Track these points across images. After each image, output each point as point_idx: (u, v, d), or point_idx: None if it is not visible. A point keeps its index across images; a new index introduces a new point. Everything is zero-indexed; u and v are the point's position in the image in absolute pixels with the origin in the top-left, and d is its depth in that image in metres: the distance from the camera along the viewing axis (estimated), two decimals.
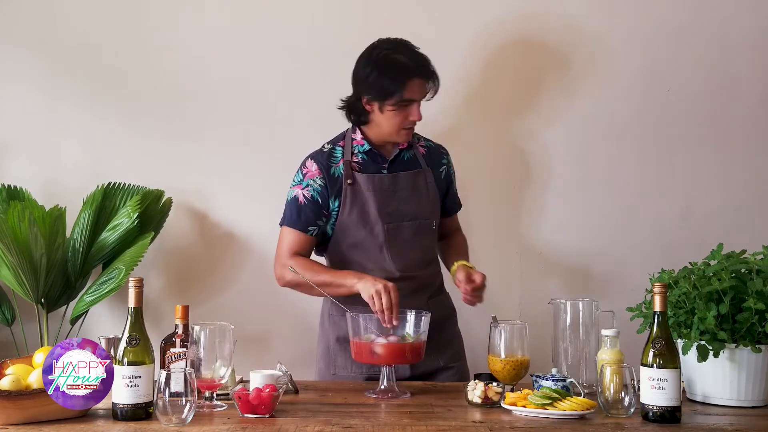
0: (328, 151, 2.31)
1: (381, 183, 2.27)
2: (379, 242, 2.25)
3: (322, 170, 2.26)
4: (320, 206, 2.25)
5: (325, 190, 2.24)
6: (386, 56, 2.22)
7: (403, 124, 2.23)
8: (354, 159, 2.29)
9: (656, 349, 1.69)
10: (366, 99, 2.25)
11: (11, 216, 2.37)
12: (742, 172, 2.81)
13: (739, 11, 2.82)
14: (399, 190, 2.29)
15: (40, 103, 2.83)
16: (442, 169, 2.41)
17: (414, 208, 2.30)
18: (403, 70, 2.19)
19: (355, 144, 2.31)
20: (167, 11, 2.84)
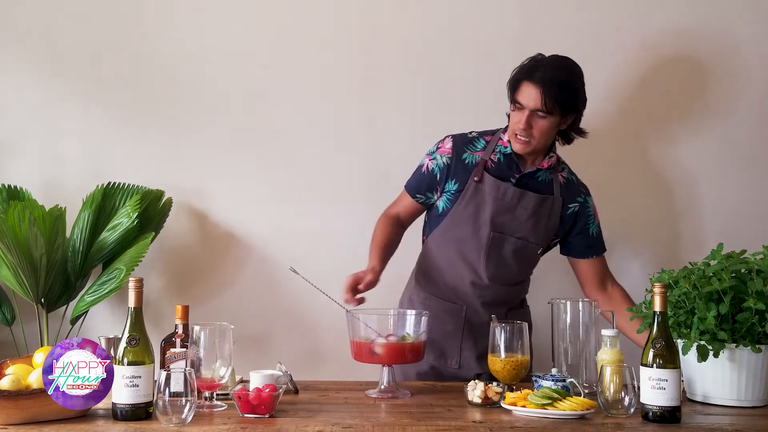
0: (471, 137, 2.33)
1: (505, 193, 2.26)
2: (481, 246, 2.28)
3: (453, 150, 2.30)
4: (436, 181, 2.31)
5: (446, 169, 2.29)
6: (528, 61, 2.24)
7: (514, 128, 2.22)
8: (492, 157, 2.29)
9: (656, 349, 1.69)
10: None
11: (11, 216, 2.37)
12: (742, 172, 2.81)
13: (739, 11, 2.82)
14: (520, 207, 2.27)
15: (40, 103, 2.83)
16: (573, 205, 2.35)
17: (526, 229, 2.29)
18: (520, 71, 2.22)
19: (500, 144, 2.31)
20: (167, 11, 2.84)
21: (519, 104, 2.19)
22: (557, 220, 2.33)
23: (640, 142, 2.83)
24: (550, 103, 2.15)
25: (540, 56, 2.25)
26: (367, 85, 2.83)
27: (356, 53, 2.83)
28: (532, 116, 2.17)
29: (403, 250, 2.47)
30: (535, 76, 2.16)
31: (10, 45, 2.84)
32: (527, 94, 2.16)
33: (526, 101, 2.17)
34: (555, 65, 2.20)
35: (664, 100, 2.82)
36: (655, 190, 2.82)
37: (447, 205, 2.31)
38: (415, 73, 2.82)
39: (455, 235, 2.30)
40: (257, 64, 2.83)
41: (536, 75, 2.16)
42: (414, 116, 2.81)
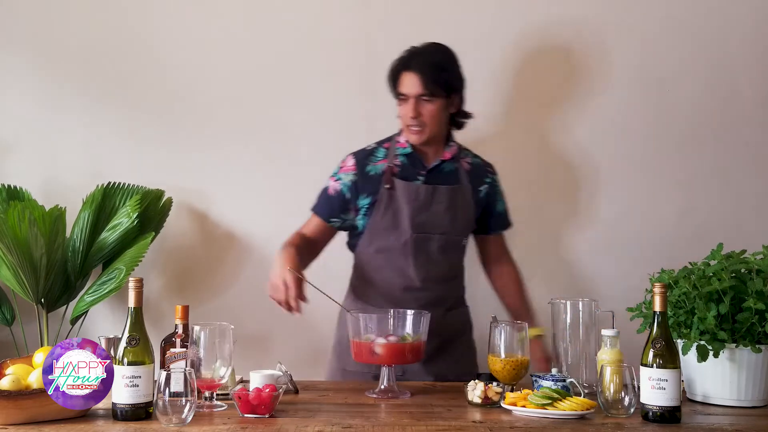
0: (370, 149, 2.34)
1: (418, 193, 2.26)
2: (406, 251, 2.27)
3: (357, 167, 2.29)
4: (347, 201, 2.29)
5: (354, 187, 2.28)
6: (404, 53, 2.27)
7: (404, 120, 2.26)
8: (395, 162, 2.30)
9: (656, 349, 1.69)
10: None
11: (11, 216, 2.37)
12: (742, 172, 2.81)
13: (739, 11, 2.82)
14: (435, 203, 2.28)
15: (40, 103, 2.83)
16: (483, 187, 2.39)
17: (446, 223, 2.29)
18: (399, 62, 2.26)
19: (398, 146, 2.32)
20: (167, 12, 2.85)
21: (403, 95, 2.24)
22: (472, 207, 2.36)
23: (641, 142, 2.83)
24: (431, 86, 2.20)
25: (413, 47, 2.28)
26: (368, 84, 2.82)
27: (358, 53, 2.83)
28: (419, 103, 2.22)
29: None
30: (412, 64, 2.22)
31: (10, 45, 2.84)
32: (408, 82, 2.22)
33: (408, 90, 2.22)
34: (428, 51, 2.26)
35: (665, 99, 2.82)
36: (655, 190, 2.82)
37: (365, 221, 2.31)
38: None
39: (379, 245, 2.29)
40: (258, 64, 2.83)
41: (412, 63, 2.22)
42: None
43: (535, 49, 2.81)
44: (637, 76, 2.82)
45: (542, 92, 2.84)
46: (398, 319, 2.04)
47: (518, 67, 2.82)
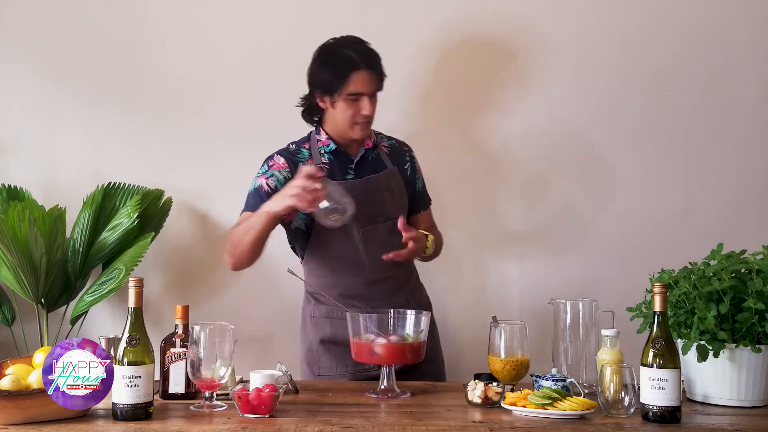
0: (293, 150, 2.31)
1: (353, 188, 2.22)
2: (356, 245, 2.26)
3: (289, 164, 2.25)
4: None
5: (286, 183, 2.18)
6: (333, 50, 2.25)
7: (355, 118, 2.24)
8: (322, 160, 2.28)
9: (656, 349, 1.69)
10: (318, 94, 2.26)
11: (11, 216, 2.37)
12: (741, 172, 2.81)
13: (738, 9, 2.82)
14: (371, 192, 2.28)
15: (40, 103, 2.83)
16: (407, 166, 2.42)
17: (386, 209, 2.30)
18: (348, 61, 2.21)
19: (321, 145, 2.31)
20: (167, 12, 2.85)
21: (355, 94, 2.21)
22: (403, 187, 2.38)
23: (641, 142, 2.83)
24: (381, 82, 2.26)
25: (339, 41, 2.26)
26: None
27: None
28: (372, 100, 2.23)
29: None
30: (363, 62, 2.21)
31: (10, 45, 2.85)
32: (363, 81, 2.21)
33: (365, 88, 2.22)
34: (369, 48, 2.26)
35: (664, 99, 2.82)
36: (655, 190, 2.82)
37: (306, 222, 2.27)
38: (415, 74, 2.82)
39: (329, 247, 2.27)
40: (258, 64, 2.83)
41: (363, 61, 2.21)
42: (414, 118, 2.81)
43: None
44: (636, 76, 2.82)
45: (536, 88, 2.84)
46: (398, 319, 2.04)
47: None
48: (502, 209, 2.84)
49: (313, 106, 2.31)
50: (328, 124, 2.31)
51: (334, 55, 2.25)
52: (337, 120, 2.27)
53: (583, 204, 2.82)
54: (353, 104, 2.23)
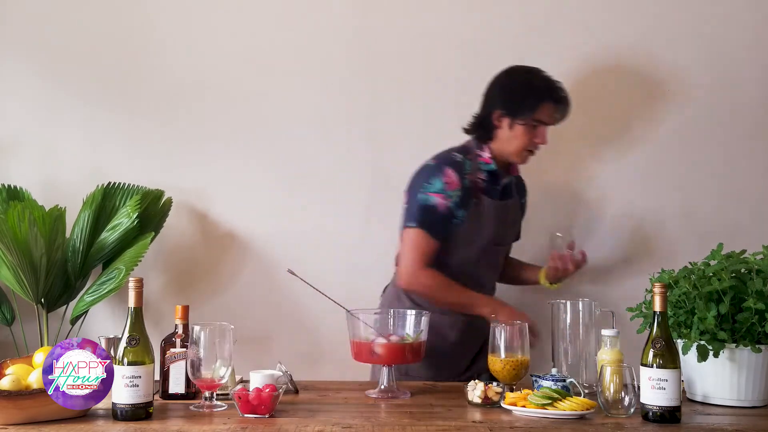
0: (459, 161, 2.33)
1: (497, 209, 2.37)
2: (479, 260, 2.37)
3: (460, 182, 2.29)
4: (454, 218, 2.29)
5: (459, 203, 2.28)
6: (528, 77, 2.35)
7: (528, 145, 2.34)
8: (479, 176, 2.34)
9: (656, 349, 1.69)
10: (498, 114, 2.34)
11: (11, 216, 2.36)
12: (742, 172, 2.81)
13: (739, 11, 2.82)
14: (507, 216, 2.43)
15: (40, 103, 2.83)
16: (524, 200, 2.59)
17: (510, 234, 2.50)
18: (542, 91, 2.32)
19: (481, 161, 2.36)
20: (168, 11, 2.85)
21: (539, 121, 2.32)
22: (520, 218, 2.57)
23: (641, 142, 2.83)
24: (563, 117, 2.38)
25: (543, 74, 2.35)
26: (368, 85, 2.83)
27: (357, 54, 2.83)
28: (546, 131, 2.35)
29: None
30: (554, 96, 2.32)
31: (10, 45, 2.84)
32: (550, 112, 2.33)
33: (549, 119, 2.34)
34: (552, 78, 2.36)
35: (664, 99, 2.82)
36: (655, 190, 2.82)
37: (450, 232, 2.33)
38: (415, 75, 2.82)
39: (459, 256, 2.33)
40: (258, 64, 2.83)
41: (555, 95, 2.33)
42: (414, 118, 2.81)
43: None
44: (637, 73, 2.82)
45: None
46: (398, 319, 2.04)
47: None
48: None
49: (487, 124, 2.36)
50: (496, 143, 2.36)
51: (529, 82, 2.33)
52: (509, 142, 2.34)
53: (582, 203, 2.82)
54: (531, 131, 2.32)
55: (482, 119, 2.38)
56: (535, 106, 2.30)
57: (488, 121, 2.36)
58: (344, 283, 2.71)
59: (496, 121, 2.34)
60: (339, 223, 2.80)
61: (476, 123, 2.40)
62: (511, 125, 2.32)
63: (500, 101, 2.34)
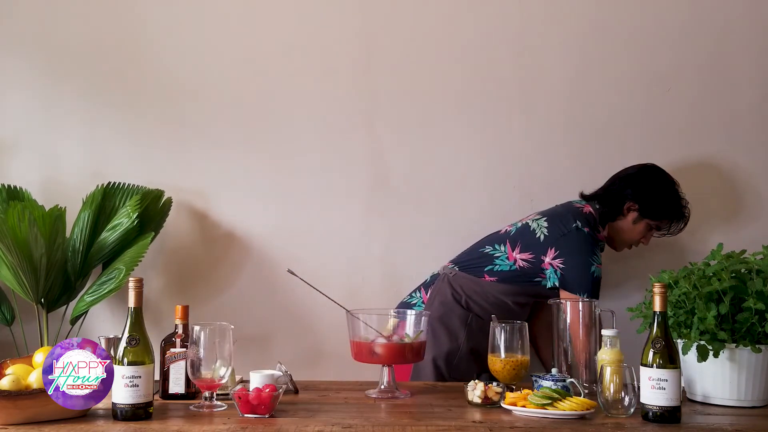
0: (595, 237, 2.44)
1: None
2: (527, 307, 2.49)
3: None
4: None
5: None
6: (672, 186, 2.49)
7: (637, 242, 2.54)
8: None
9: (656, 349, 1.69)
10: (631, 205, 2.47)
11: (11, 216, 2.36)
12: (742, 172, 2.81)
13: (739, 11, 2.82)
14: None
15: (40, 103, 2.83)
16: None
17: None
18: (677, 205, 2.47)
19: (600, 238, 2.48)
20: (167, 11, 2.84)
21: (657, 229, 2.51)
22: None
23: (641, 142, 2.82)
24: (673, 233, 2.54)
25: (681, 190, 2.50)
26: (368, 84, 2.83)
27: (357, 55, 2.83)
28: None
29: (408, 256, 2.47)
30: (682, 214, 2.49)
31: (9, 45, 2.84)
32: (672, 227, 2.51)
33: (666, 232, 2.53)
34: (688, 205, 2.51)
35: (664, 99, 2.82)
36: None
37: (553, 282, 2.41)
38: (416, 75, 2.82)
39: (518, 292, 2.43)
40: (258, 64, 2.83)
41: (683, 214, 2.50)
42: (414, 117, 2.81)
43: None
44: (636, 73, 2.82)
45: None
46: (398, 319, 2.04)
47: None
48: (500, 208, 2.83)
49: (615, 207, 2.49)
50: (615, 226, 2.52)
51: (673, 192, 2.48)
52: (625, 231, 2.51)
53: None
54: (646, 231, 2.50)
55: (614, 202, 2.49)
56: (667, 216, 2.47)
57: (618, 205, 2.48)
58: (344, 283, 2.72)
59: (625, 210, 2.48)
60: (339, 223, 2.80)
61: (606, 202, 2.50)
62: (636, 220, 2.48)
63: (639, 197, 2.46)
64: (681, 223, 2.51)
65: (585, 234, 2.40)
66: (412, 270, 2.61)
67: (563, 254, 2.39)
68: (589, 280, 2.35)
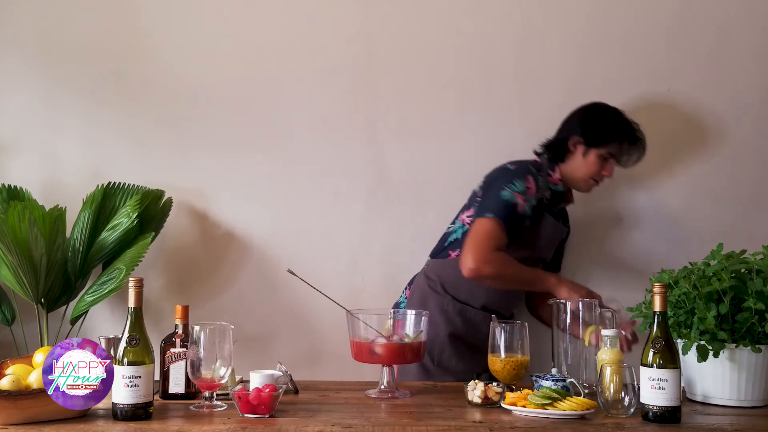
0: (536, 174, 2.41)
1: (553, 230, 2.48)
2: None
3: (536, 191, 2.39)
4: (524, 223, 2.36)
5: (531, 211, 2.37)
6: (617, 114, 2.46)
7: (596, 174, 2.46)
8: (545, 194, 2.45)
9: (656, 349, 1.69)
10: (575, 140, 2.45)
11: (11, 216, 2.36)
12: (742, 172, 2.81)
13: (739, 11, 2.82)
14: (556, 240, 2.53)
15: (40, 103, 2.83)
16: (567, 231, 2.64)
17: (551, 254, 2.55)
18: (622, 128, 2.44)
19: (551, 181, 2.47)
20: (167, 11, 2.85)
21: (612, 156, 2.44)
22: (563, 246, 2.66)
23: None
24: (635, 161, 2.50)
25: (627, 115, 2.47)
26: (368, 85, 2.83)
27: (357, 55, 2.83)
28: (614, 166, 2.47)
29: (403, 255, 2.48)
30: (632, 136, 2.45)
31: (9, 45, 2.84)
32: (623, 149, 2.45)
33: (623, 159, 2.47)
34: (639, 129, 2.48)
35: (664, 99, 2.82)
36: (655, 190, 2.82)
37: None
38: (416, 75, 2.82)
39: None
40: (258, 64, 2.83)
41: (633, 135, 2.45)
42: (415, 117, 2.81)
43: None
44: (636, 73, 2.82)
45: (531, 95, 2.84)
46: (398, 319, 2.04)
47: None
48: None
49: (561, 148, 2.47)
50: (566, 167, 2.48)
51: (614, 117, 2.45)
52: (578, 169, 2.46)
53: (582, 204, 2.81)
54: (602, 162, 2.44)
55: (557, 143, 2.48)
56: (613, 139, 2.42)
57: (563, 145, 2.47)
58: (344, 283, 2.72)
59: (571, 146, 2.46)
60: (339, 223, 2.80)
61: (550, 145, 2.50)
62: (585, 152, 2.44)
63: (581, 128, 2.44)
64: (634, 147, 2.45)
65: (505, 167, 2.41)
66: (412, 270, 2.61)
67: (482, 188, 2.43)
68: (496, 200, 2.33)
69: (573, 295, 2.19)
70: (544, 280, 2.30)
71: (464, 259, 2.27)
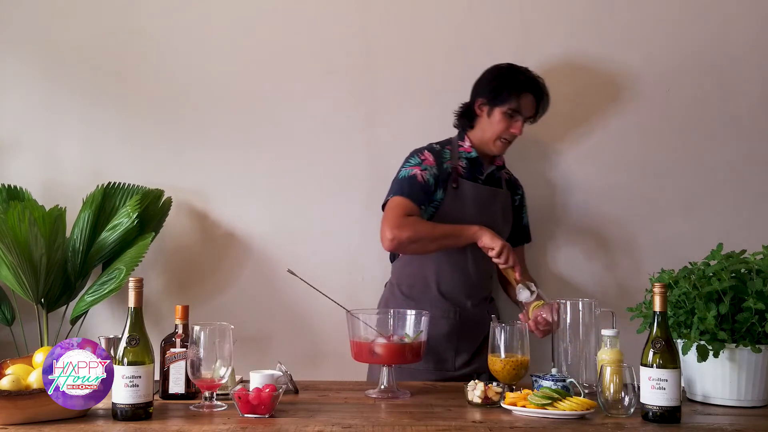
0: (437, 149, 2.44)
1: (482, 194, 2.44)
2: (466, 248, 2.38)
3: (436, 161, 2.39)
4: (431, 192, 2.37)
5: (435, 180, 2.37)
6: (511, 70, 2.44)
7: (503, 133, 2.43)
8: (459, 163, 2.44)
9: (656, 349, 1.69)
10: (480, 102, 2.45)
11: (11, 216, 2.36)
12: (741, 172, 2.81)
13: (739, 11, 2.82)
14: (493, 204, 2.48)
15: (40, 103, 2.83)
16: (517, 197, 2.62)
17: (499, 224, 2.47)
18: (521, 82, 2.41)
19: (462, 150, 2.47)
20: (167, 11, 2.85)
21: (516, 112, 2.40)
22: (510, 214, 2.58)
23: (640, 142, 2.82)
24: (542, 112, 2.47)
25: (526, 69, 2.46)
26: (368, 85, 2.83)
27: (357, 54, 2.83)
28: (523, 123, 2.43)
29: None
30: (533, 88, 2.42)
31: (9, 45, 2.84)
32: (525, 103, 2.41)
33: (526, 110, 2.42)
34: (539, 79, 2.46)
35: (664, 99, 2.82)
36: (655, 190, 2.82)
37: (431, 216, 2.39)
38: (415, 75, 2.82)
39: None
40: (258, 64, 2.83)
41: (534, 87, 2.42)
42: (414, 117, 2.81)
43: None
44: (636, 73, 2.82)
45: None
46: (398, 319, 2.04)
47: None
48: None
49: (470, 112, 2.48)
50: (475, 132, 2.48)
51: (511, 73, 2.43)
52: (486, 130, 2.44)
53: (582, 204, 2.82)
54: (507, 120, 2.41)
55: (466, 109, 2.50)
56: (513, 94, 2.39)
57: (471, 110, 2.48)
58: (344, 283, 2.72)
59: (477, 109, 2.46)
60: (339, 223, 2.80)
61: (462, 112, 2.51)
62: (489, 112, 2.42)
63: (482, 89, 2.45)
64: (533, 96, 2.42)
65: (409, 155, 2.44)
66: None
67: None
68: (396, 182, 2.38)
69: (496, 241, 2.24)
70: (464, 229, 2.30)
71: (382, 236, 2.30)
